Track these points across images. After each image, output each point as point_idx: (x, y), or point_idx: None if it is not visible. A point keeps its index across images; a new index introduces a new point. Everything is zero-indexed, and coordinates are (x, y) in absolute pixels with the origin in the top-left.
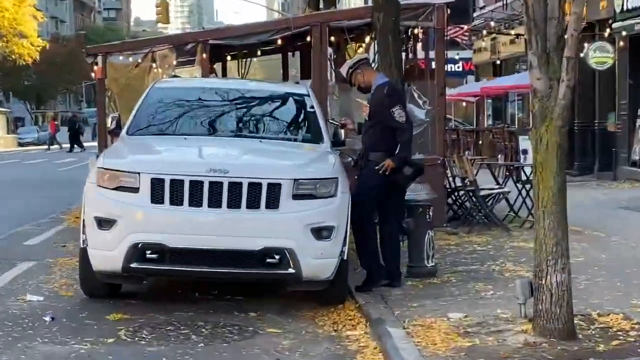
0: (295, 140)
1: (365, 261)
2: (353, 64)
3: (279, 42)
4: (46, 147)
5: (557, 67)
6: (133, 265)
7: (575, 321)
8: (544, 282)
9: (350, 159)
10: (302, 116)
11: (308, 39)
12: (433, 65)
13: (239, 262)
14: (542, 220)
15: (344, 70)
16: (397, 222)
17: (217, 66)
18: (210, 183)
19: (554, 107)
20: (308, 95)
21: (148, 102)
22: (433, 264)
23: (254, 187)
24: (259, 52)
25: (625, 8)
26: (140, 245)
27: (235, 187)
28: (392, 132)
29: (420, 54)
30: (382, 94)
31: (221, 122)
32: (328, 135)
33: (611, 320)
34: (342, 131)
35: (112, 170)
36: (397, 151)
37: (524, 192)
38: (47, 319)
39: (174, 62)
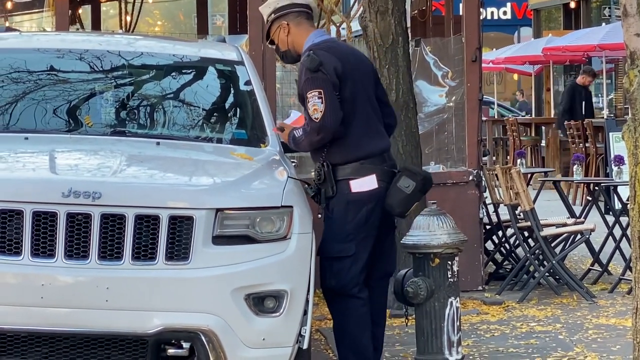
0: (218, 140)
1: (345, 353)
2: (279, 7)
3: None
4: None
5: None
6: None
7: None
8: None
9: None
10: (230, 99)
11: None
12: (460, 9)
13: (117, 355)
14: None
15: (264, 12)
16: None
17: (84, 10)
18: (69, 216)
19: None
20: (242, 64)
21: None
22: (459, 356)
23: (146, 224)
24: None
25: None
26: None
27: (112, 222)
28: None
29: None
30: (301, 64)
31: (90, 111)
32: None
33: None
34: None
35: None
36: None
37: (618, 231)
38: None
39: (9, 5)
